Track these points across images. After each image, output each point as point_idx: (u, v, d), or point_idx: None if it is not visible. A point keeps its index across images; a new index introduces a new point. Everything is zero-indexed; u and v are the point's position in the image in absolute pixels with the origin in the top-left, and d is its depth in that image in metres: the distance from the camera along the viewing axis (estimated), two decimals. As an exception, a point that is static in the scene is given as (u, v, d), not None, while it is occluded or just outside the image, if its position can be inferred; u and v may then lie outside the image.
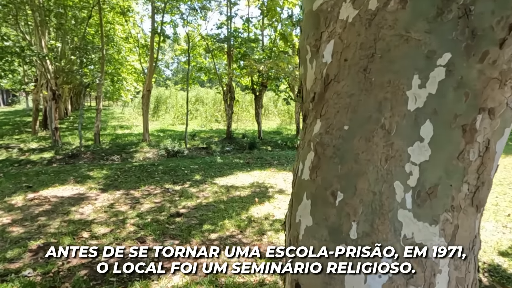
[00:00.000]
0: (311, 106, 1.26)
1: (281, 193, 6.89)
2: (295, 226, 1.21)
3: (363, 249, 1.04)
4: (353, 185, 1.07)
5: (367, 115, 1.08)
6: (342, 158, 1.10)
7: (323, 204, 1.11)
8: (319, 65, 1.25)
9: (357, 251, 1.05)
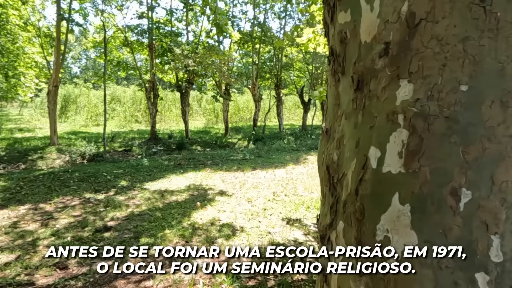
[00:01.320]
0: (381, 63, 0.84)
1: (222, 194, 6.38)
2: (373, 244, 0.78)
3: None
4: (488, 177, 0.68)
5: (497, 68, 0.70)
6: (464, 135, 0.70)
7: (438, 210, 0.70)
8: (390, 3, 0.83)
9: (504, 281, 0.66)
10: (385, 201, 0.77)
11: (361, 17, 0.92)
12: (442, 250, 0.69)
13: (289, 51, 18.23)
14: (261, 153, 11.23)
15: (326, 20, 1.14)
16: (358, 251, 0.83)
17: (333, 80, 1.08)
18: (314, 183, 7.38)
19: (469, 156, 0.69)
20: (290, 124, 24.01)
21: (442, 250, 0.69)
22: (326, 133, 1.12)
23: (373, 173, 0.80)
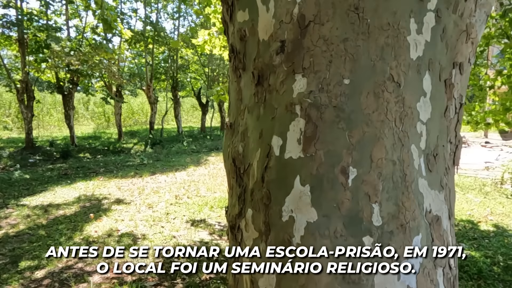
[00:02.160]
0: (278, 59, 0.91)
1: (119, 203, 5.92)
2: (283, 227, 0.85)
3: (390, 235, 0.80)
4: (368, 156, 0.81)
5: (370, 65, 0.84)
6: (349, 122, 0.81)
7: (332, 187, 0.80)
8: (283, 5, 0.92)
9: (383, 241, 0.79)
10: (288, 184, 0.84)
11: (258, 16, 0.98)
12: (336, 221, 0.79)
13: (185, 52, 17.98)
14: (160, 157, 10.81)
15: (225, 18, 1.18)
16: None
17: (234, 76, 1.13)
18: (216, 183, 7.46)
19: (353, 139, 0.81)
20: (189, 126, 23.69)
21: (336, 221, 0.80)
22: (230, 127, 1.16)
23: (276, 160, 0.87)
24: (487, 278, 3.33)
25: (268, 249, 0.87)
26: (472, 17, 1.03)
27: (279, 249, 0.85)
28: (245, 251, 0.96)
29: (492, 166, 8.63)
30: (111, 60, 10.62)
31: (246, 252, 0.94)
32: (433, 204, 0.88)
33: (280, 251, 0.85)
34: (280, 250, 0.85)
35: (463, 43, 1.01)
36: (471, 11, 1.02)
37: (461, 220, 5.03)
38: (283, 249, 0.84)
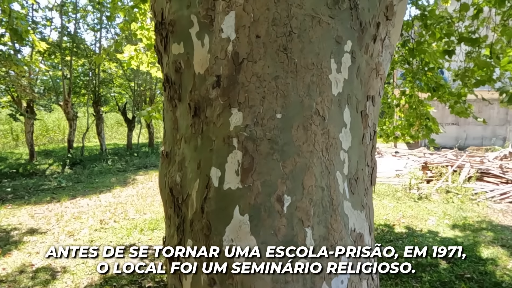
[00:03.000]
0: (214, 93, 0.96)
1: (33, 233, 5.28)
2: (222, 257, 0.87)
3: (322, 256, 0.88)
4: (300, 184, 0.89)
5: (298, 100, 0.93)
6: (282, 153, 0.89)
7: (269, 216, 0.86)
8: (218, 42, 0.97)
9: (314, 261, 0.87)
10: (228, 215, 0.87)
11: (193, 50, 1.02)
12: (273, 248, 0.85)
13: (107, 66, 17.00)
14: (81, 178, 9.94)
15: (159, 48, 1.18)
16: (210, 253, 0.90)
17: (170, 106, 1.14)
18: (146, 204, 7.12)
19: (287, 169, 0.88)
20: (113, 143, 22.25)
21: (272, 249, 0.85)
22: (166, 156, 1.16)
23: (216, 191, 0.90)
24: (402, 277, 3.72)
25: (208, 280, 0.89)
26: (379, 57, 1.20)
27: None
28: (185, 283, 0.96)
29: (401, 173, 9.72)
30: (22, 73, 9.56)
31: (187, 284, 0.94)
32: (356, 223, 0.99)
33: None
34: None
35: (374, 79, 1.17)
36: (378, 52, 1.19)
37: (379, 225, 5.56)
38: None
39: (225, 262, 0.87)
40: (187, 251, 0.96)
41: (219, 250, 0.87)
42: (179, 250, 1.01)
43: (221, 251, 0.87)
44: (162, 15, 1.11)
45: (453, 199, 7.12)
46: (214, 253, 0.88)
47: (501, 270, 4.07)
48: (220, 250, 0.87)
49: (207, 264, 0.91)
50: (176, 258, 1.03)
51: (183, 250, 0.99)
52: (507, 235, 5.19)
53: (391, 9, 1.25)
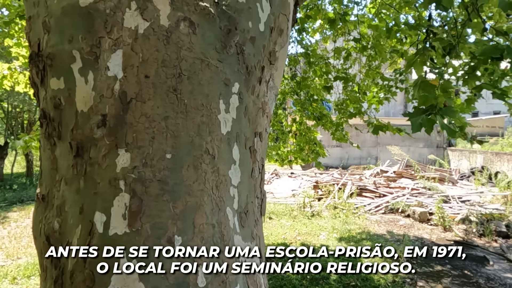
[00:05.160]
0: (100, 133, 0.91)
1: None
2: (109, 308, 0.81)
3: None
4: (191, 223, 0.90)
5: (189, 140, 0.96)
6: (173, 193, 0.89)
7: (159, 259, 0.84)
8: (103, 79, 0.94)
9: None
10: (112, 264, 0.83)
11: (75, 87, 0.96)
12: None
13: (-29, 82, 14.33)
14: None
15: (35, 80, 1.08)
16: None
17: (48, 144, 1.04)
18: (21, 246, 6.08)
19: (177, 209, 0.88)
20: (-23, 174, 18.49)
21: None
22: (42, 200, 1.04)
23: (100, 237, 0.85)
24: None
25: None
26: (265, 97, 1.32)
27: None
28: None
29: (296, 193, 10.48)
30: None
31: None
32: (248, 254, 1.04)
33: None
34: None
35: (261, 117, 1.28)
36: (264, 93, 1.31)
37: (277, 244, 5.85)
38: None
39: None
40: (67, 308, 0.86)
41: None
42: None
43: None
44: (38, 46, 1.03)
45: (340, 214, 7.97)
46: (98, 307, 0.82)
47: (378, 274, 4.68)
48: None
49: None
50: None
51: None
52: (381, 242, 6.03)
53: (273, 55, 1.40)
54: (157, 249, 0.84)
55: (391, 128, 2.87)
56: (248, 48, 1.19)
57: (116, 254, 0.83)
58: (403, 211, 8.05)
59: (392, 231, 6.82)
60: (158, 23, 1.00)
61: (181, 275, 0.85)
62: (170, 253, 0.85)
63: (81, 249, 0.87)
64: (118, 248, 0.83)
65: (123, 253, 0.83)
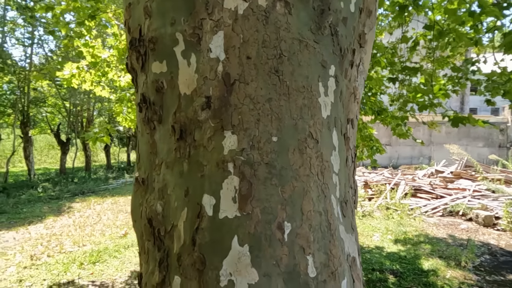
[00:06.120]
0: (204, 115, 0.90)
1: None
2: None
3: (325, 285, 0.84)
4: (299, 209, 0.85)
5: (292, 123, 0.91)
6: (280, 178, 0.85)
7: (270, 245, 0.80)
8: (206, 61, 0.93)
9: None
10: (225, 246, 0.80)
11: (178, 70, 0.95)
12: (277, 279, 0.79)
13: (39, 83, 15.70)
14: (6, 208, 8.80)
15: (134, 66, 1.10)
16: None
17: (147, 128, 1.05)
18: (85, 234, 6.51)
19: (286, 194, 0.84)
20: (43, 168, 20.27)
21: (277, 279, 0.80)
22: (142, 183, 1.05)
23: (209, 221, 0.83)
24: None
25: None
26: (356, 82, 1.25)
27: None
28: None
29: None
30: None
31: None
32: (349, 247, 0.98)
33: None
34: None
35: (352, 103, 1.21)
36: (355, 77, 1.24)
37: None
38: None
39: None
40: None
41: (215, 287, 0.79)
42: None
43: (218, 287, 0.79)
44: (140, 32, 1.04)
45: (393, 215, 7.61)
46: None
47: (442, 280, 4.38)
48: (217, 286, 0.79)
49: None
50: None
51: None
52: (442, 247, 5.64)
53: (363, 37, 1.32)
54: (268, 235, 0.81)
55: (473, 120, 2.60)
56: (341, 29, 1.13)
57: (227, 238, 0.80)
58: (464, 214, 7.50)
59: (454, 235, 6.36)
60: (256, 3, 0.97)
61: (292, 263, 0.81)
62: (280, 239, 0.81)
63: (189, 231, 0.86)
64: (229, 232, 0.81)
65: (235, 237, 0.80)
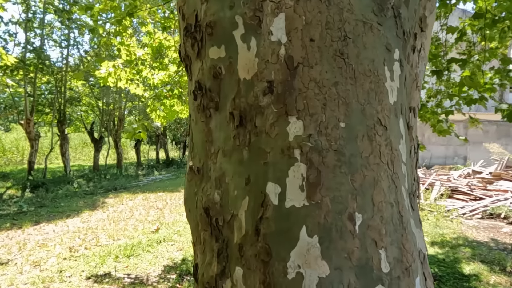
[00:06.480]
0: (266, 100, 0.86)
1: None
2: (290, 285, 0.75)
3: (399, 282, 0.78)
4: (370, 200, 0.80)
5: (360, 108, 0.85)
6: (350, 165, 0.80)
7: (341, 236, 0.75)
8: (267, 45, 0.89)
9: None
10: (293, 237, 0.76)
11: (237, 54, 0.92)
12: (349, 273, 0.74)
13: (74, 84, 16.37)
14: (45, 202, 9.24)
15: (189, 53, 1.08)
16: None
17: (202, 116, 1.02)
18: (119, 228, 6.69)
19: (356, 183, 0.79)
20: (78, 165, 21.15)
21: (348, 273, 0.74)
22: (198, 172, 1.03)
23: (275, 210, 0.79)
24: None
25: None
26: (417, 68, 1.17)
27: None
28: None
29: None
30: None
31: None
32: (420, 242, 0.91)
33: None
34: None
35: (414, 90, 1.13)
36: (416, 63, 1.16)
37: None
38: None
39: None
40: (237, 281, 0.83)
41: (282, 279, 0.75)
42: (221, 279, 0.88)
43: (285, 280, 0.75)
44: (196, 17, 1.02)
45: (428, 217, 7.31)
46: (276, 282, 0.76)
47: (485, 285, 4.14)
48: (284, 278, 0.75)
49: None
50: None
51: (229, 280, 0.85)
52: (483, 251, 5.34)
53: (424, 20, 1.23)
54: (339, 226, 0.76)
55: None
56: (403, 11, 1.05)
57: (295, 228, 0.76)
58: (506, 217, 7.08)
59: (496, 238, 6.02)
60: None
61: (364, 257, 0.76)
62: (352, 231, 0.76)
63: (252, 221, 0.82)
64: (297, 222, 0.76)
65: (303, 227, 0.76)
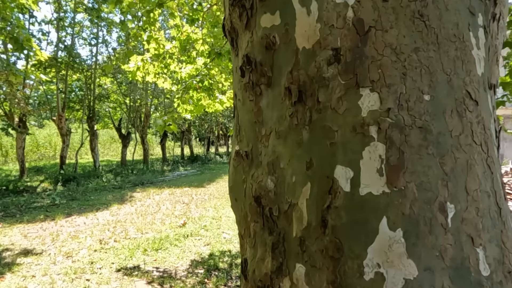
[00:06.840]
0: (332, 71, 0.74)
1: (27, 254, 4.88)
2: (366, 285, 0.63)
3: (500, 287, 0.64)
4: (463, 187, 0.66)
5: (446, 79, 0.71)
6: (438, 146, 0.66)
7: (431, 231, 0.62)
8: (331, 8, 0.76)
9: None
10: (370, 230, 0.64)
11: (295, 20, 0.80)
12: (442, 275, 0.61)
13: (103, 81, 16.81)
14: (76, 195, 9.51)
15: (235, 26, 0.97)
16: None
17: (250, 95, 0.91)
18: (147, 222, 6.76)
19: (447, 168, 0.65)
20: (106, 160, 21.76)
21: (441, 275, 0.61)
22: (246, 157, 0.92)
23: (347, 198, 0.67)
24: None
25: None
26: (496, 40, 1.00)
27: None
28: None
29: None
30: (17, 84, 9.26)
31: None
32: None
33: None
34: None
35: (494, 65, 0.97)
36: (495, 34, 1.00)
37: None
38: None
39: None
40: (298, 280, 0.71)
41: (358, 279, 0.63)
42: (277, 277, 0.76)
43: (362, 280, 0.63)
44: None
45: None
46: (349, 283, 0.64)
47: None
48: (360, 279, 0.63)
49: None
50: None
51: (287, 279, 0.74)
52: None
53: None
54: (429, 218, 0.62)
55: None
56: (483, -28, 0.90)
57: (372, 219, 0.64)
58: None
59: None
60: None
61: (459, 256, 0.62)
62: (443, 225, 0.63)
63: (316, 211, 0.70)
64: (376, 212, 0.64)
65: (383, 219, 0.63)
